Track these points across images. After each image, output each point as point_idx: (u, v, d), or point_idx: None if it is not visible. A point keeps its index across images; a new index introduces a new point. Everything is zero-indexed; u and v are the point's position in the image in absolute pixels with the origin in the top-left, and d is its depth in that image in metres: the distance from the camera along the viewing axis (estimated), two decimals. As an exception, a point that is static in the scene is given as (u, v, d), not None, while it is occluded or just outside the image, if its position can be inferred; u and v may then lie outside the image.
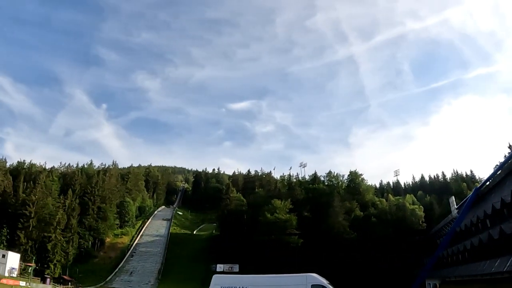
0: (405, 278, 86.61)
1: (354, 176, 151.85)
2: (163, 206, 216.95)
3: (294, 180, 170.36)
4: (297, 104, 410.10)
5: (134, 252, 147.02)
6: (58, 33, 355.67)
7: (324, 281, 33.74)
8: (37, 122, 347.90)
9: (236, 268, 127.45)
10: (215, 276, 33.01)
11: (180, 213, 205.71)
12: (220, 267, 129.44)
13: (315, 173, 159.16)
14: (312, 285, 32.53)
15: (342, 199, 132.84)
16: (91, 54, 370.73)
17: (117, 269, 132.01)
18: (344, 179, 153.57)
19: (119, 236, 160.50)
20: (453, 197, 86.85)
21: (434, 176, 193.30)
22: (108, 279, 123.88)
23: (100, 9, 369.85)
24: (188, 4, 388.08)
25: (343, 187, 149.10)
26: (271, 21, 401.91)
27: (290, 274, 36.65)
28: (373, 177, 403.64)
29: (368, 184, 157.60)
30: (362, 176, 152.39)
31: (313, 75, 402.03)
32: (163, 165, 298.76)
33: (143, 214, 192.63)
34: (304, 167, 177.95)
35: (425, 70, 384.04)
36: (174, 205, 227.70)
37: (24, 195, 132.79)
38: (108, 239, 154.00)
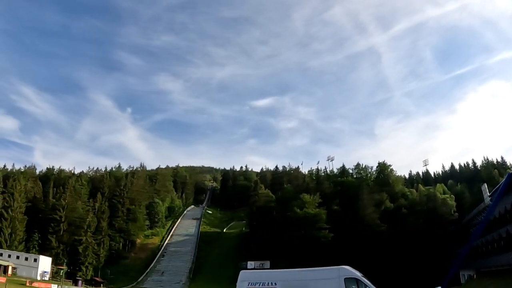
0: (438, 270, 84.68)
1: (382, 168, 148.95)
2: (192, 206, 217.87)
3: (322, 174, 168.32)
4: (320, 98, 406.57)
5: (165, 252, 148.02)
6: (78, 41, 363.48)
7: (357, 274, 32.27)
8: (63, 129, 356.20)
9: (267, 264, 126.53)
10: (242, 272, 29.19)
11: (210, 212, 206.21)
12: (250, 264, 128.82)
13: (343, 166, 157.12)
14: (345, 278, 30.97)
15: (371, 191, 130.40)
16: (112, 60, 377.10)
17: (148, 270, 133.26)
18: (372, 170, 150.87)
19: (150, 237, 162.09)
20: (485, 184, 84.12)
21: (464, 164, 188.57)
22: (139, 279, 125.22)
23: (118, 15, 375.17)
24: (205, 5, 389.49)
25: (372, 179, 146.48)
26: (289, 16, 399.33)
27: (322, 268, 35.10)
28: (401, 168, 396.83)
29: (397, 175, 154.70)
30: (391, 167, 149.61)
31: (334, 68, 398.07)
32: (191, 165, 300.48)
33: (173, 214, 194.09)
34: (331, 160, 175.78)
35: (448, 57, 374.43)
36: (203, 204, 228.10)
37: (54, 200, 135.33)
38: (138, 240, 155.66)
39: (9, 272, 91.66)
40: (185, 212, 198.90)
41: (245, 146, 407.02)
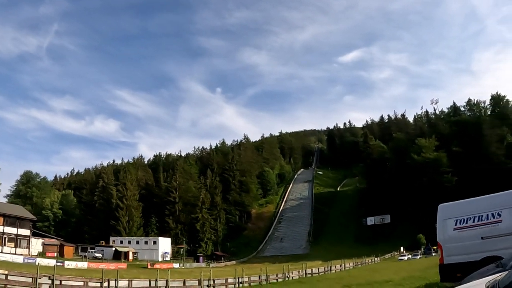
0: None
1: (497, 100, 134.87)
2: (302, 169, 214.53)
3: (433, 116, 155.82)
4: (409, 42, 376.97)
5: (281, 219, 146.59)
6: (158, 37, 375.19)
7: None
8: (163, 120, 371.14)
9: (387, 218, 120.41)
10: (442, 206, 15.81)
11: (320, 172, 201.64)
12: (370, 220, 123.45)
13: (454, 104, 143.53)
14: None
15: (491, 126, 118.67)
16: (194, 47, 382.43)
17: (267, 238, 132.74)
18: (486, 105, 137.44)
19: (264, 206, 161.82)
20: None
21: None
22: (259, 248, 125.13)
23: (188, 4, 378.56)
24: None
25: (487, 115, 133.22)
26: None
27: None
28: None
29: None
30: (506, 98, 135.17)
31: (418, 7, 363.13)
32: (293, 131, 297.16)
33: (284, 180, 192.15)
34: (436, 103, 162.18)
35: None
36: (313, 166, 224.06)
37: (166, 184, 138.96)
38: (254, 210, 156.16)
39: (130, 257, 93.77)
40: (295, 176, 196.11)
41: (343, 104, 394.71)
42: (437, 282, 16.61)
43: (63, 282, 22.79)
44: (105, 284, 23.84)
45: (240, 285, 35.14)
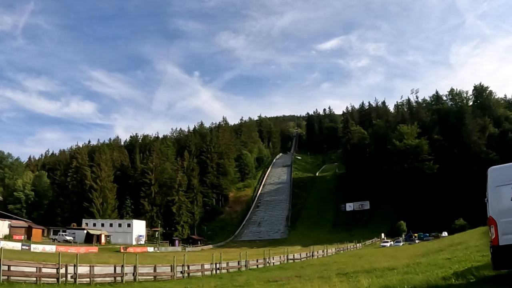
0: None
1: (480, 90, 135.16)
2: (281, 154, 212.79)
3: (415, 103, 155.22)
4: (387, 32, 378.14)
5: (259, 203, 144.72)
6: (135, 18, 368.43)
7: None
8: (139, 102, 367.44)
9: (366, 205, 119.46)
10: (493, 170, 11.88)
11: (299, 157, 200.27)
12: (349, 206, 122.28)
13: (436, 92, 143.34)
14: None
15: (473, 116, 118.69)
16: (171, 29, 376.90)
17: (244, 222, 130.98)
18: (468, 95, 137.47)
19: (242, 189, 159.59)
20: None
21: None
22: (236, 232, 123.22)
23: None
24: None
25: (469, 105, 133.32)
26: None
27: None
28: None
29: (497, 97, 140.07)
30: (489, 89, 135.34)
31: None
32: (272, 116, 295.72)
33: (262, 164, 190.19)
34: (417, 93, 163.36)
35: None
36: (291, 151, 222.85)
37: (142, 165, 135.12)
38: (231, 194, 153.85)
39: (103, 240, 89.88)
40: (274, 160, 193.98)
41: (320, 91, 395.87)
42: (454, 271, 13.54)
43: (12, 268, 19.58)
44: (62, 270, 20.60)
45: (218, 271, 32.45)
